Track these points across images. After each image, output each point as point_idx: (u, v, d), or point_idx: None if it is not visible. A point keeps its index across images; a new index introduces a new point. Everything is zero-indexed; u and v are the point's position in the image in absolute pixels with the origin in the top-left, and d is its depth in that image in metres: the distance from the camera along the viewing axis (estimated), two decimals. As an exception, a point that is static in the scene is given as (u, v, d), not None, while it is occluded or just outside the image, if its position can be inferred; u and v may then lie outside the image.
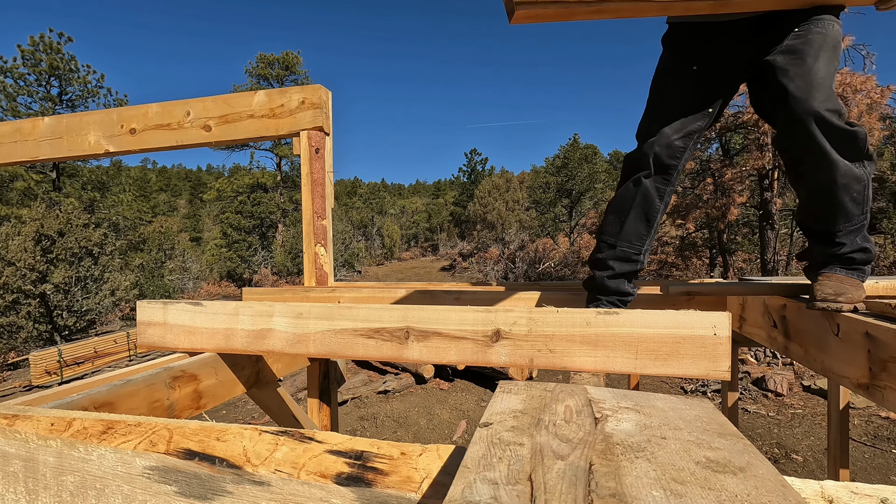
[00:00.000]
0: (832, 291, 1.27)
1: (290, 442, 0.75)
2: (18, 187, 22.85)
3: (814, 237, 1.43)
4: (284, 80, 30.86)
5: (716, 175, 14.74)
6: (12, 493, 0.90)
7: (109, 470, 0.81)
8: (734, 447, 0.55)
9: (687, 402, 0.73)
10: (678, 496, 0.44)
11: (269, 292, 2.26)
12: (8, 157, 2.52)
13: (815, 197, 1.37)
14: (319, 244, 2.20)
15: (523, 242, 25.69)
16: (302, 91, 2.19)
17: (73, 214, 18.24)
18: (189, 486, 0.75)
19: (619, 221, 1.55)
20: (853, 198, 1.31)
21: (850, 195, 1.30)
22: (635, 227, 1.54)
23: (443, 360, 1.23)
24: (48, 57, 23.39)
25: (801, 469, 5.41)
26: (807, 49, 1.30)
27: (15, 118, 19.18)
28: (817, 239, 1.42)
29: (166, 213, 51.89)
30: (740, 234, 18.64)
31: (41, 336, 16.90)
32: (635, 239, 1.55)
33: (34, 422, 0.90)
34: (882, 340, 1.06)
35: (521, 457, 0.53)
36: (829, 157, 1.27)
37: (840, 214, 1.33)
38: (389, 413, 7.87)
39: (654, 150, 1.48)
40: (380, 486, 0.65)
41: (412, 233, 46.89)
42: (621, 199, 1.56)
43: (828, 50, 1.31)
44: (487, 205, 31.37)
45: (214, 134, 2.26)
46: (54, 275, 16.76)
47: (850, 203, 1.31)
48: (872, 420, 6.51)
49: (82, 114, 2.44)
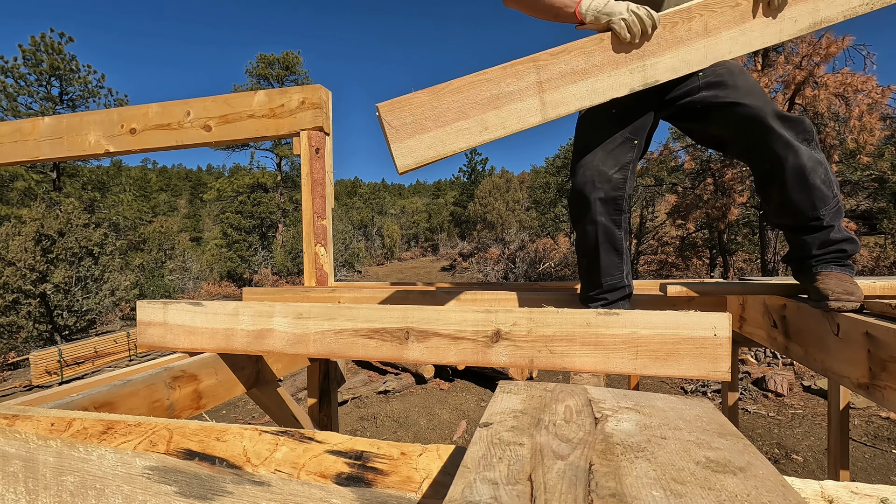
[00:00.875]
0: (842, 290, 1.28)
1: (290, 442, 0.75)
2: (19, 187, 22.85)
3: (801, 230, 1.45)
4: (285, 80, 30.87)
5: (716, 175, 14.74)
6: (12, 493, 0.90)
7: (109, 470, 0.81)
8: (734, 447, 0.55)
9: (687, 402, 0.73)
10: (678, 496, 0.44)
11: (269, 292, 2.26)
12: (8, 157, 2.52)
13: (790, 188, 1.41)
14: (319, 244, 2.21)
15: (523, 242, 25.68)
16: (302, 91, 2.19)
17: (74, 214, 18.24)
18: (189, 486, 0.75)
19: (595, 261, 1.63)
20: (822, 179, 1.38)
21: (819, 177, 1.38)
22: (609, 261, 1.62)
23: (443, 360, 1.23)
24: (49, 57, 23.40)
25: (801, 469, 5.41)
26: (725, 74, 1.47)
27: (15, 118, 19.18)
28: (806, 231, 1.44)
29: (166, 213, 51.87)
30: (740, 234, 18.62)
31: (41, 336, 16.90)
32: (614, 269, 1.63)
33: (34, 422, 0.90)
34: (882, 340, 1.06)
35: (521, 457, 0.53)
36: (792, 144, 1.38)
37: (817, 198, 1.38)
38: (389, 413, 7.87)
39: (597, 187, 1.57)
40: (380, 486, 0.65)
41: (412, 233, 46.90)
42: (584, 242, 1.65)
43: (740, 70, 1.49)
44: (487, 205, 31.37)
45: (215, 134, 2.26)
46: (54, 275, 16.76)
47: (822, 185, 1.38)
48: (873, 420, 6.50)
49: (82, 114, 2.44)
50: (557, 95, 1.29)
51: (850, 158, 13.25)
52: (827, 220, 1.39)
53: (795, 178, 1.39)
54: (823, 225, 1.40)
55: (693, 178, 15.80)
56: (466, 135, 1.23)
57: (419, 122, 1.20)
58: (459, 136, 1.22)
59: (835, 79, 11.35)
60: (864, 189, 17.06)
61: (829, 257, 1.40)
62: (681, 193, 16.19)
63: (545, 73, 1.27)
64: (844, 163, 13.63)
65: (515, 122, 1.27)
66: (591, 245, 1.62)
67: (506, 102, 1.25)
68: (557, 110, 1.29)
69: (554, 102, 1.29)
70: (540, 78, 1.26)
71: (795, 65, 11.65)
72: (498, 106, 1.25)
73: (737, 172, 13.87)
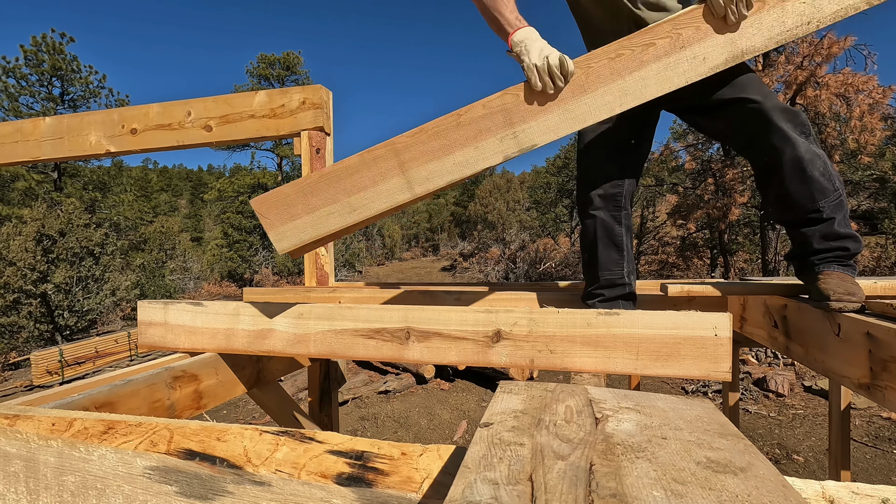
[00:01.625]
0: (844, 290, 1.28)
1: (290, 442, 0.75)
2: (20, 187, 22.88)
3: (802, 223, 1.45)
4: (285, 81, 30.88)
5: (717, 175, 14.73)
6: (13, 493, 0.90)
7: (110, 470, 0.81)
8: (735, 447, 0.55)
9: (687, 403, 0.73)
10: (679, 496, 0.44)
11: (270, 292, 2.26)
12: (9, 158, 2.52)
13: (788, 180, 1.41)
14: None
15: (524, 243, 25.68)
16: (303, 91, 2.19)
17: (75, 214, 18.27)
18: (190, 486, 0.75)
19: (594, 255, 1.68)
20: (821, 171, 1.38)
21: (817, 169, 1.37)
22: (608, 256, 1.66)
23: (443, 360, 1.23)
24: (50, 57, 23.43)
25: (802, 470, 5.40)
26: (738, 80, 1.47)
27: (16, 118, 19.21)
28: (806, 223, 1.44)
29: (167, 213, 51.90)
30: (741, 234, 18.61)
31: (42, 336, 16.93)
32: (613, 265, 1.67)
33: (35, 422, 0.90)
34: (883, 340, 1.06)
35: (521, 457, 0.53)
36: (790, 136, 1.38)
37: (816, 190, 1.38)
38: (390, 413, 7.87)
39: (596, 184, 1.65)
40: (380, 486, 0.65)
41: (413, 233, 46.91)
42: (585, 236, 1.72)
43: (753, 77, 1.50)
44: (488, 205, 31.38)
45: (215, 134, 2.26)
46: (55, 275, 16.78)
47: (821, 177, 1.38)
48: (874, 420, 6.49)
49: (83, 114, 2.44)
50: (424, 172, 1.28)
51: (851, 158, 13.24)
52: (827, 213, 1.39)
53: (793, 170, 1.39)
54: (823, 217, 1.39)
55: (694, 178, 15.78)
56: (336, 217, 1.30)
57: (289, 212, 1.31)
58: (330, 220, 1.30)
59: (836, 79, 11.34)
60: (865, 189, 17.05)
61: (831, 255, 1.40)
62: (682, 193, 16.18)
63: (405, 154, 1.28)
64: (845, 163, 13.61)
65: (384, 202, 1.30)
66: (591, 238, 1.68)
67: (369, 185, 1.29)
68: (425, 186, 1.29)
69: (420, 179, 1.28)
70: (400, 160, 1.28)
71: (797, 65, 11.64)
72: (362, 189, 1.29)
73: (738, 172, 13.85)
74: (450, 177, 1.28)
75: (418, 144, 1.28)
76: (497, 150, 1.28)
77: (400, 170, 1.28)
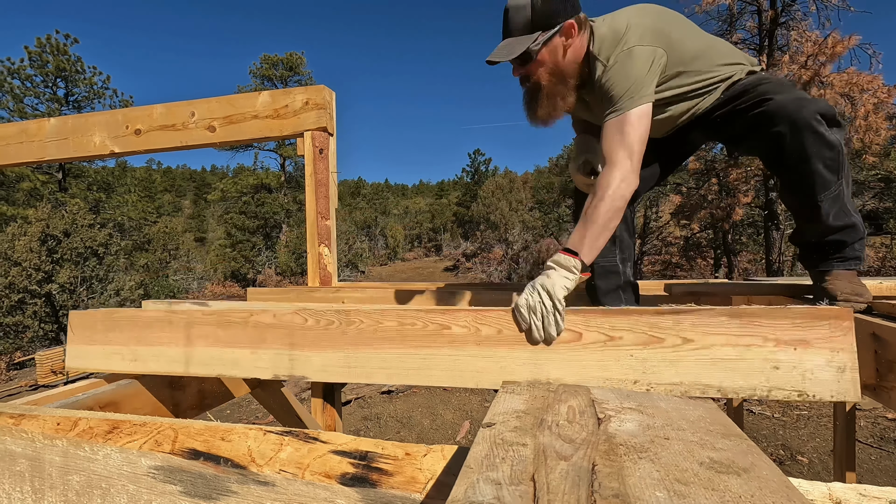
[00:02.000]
0: (851, 291, 1.27)
1: (294, 442, 0.75)
2: (24, 188, 23.00)
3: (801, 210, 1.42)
4: (288, 81, 30.93)
5: (720, 175, 14.67)
6: (18, 492, 0.90)
7: (115, 469, 0.82)
8: (738, 448, 0.55)
9: (690, 403, 0.73)
10: (681, 497, 0.44)
11: (273, 293, 2.26)
12: (14, 158, 2.54)
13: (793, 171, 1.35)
14: (323, 244, 2.21)
15: (527, 243, 25.64)
16: (306, 92, 2.19)
17: (79, 215, 18.34)
18: (194, 485, 0.76)
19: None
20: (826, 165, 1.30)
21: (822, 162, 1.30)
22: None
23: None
24: (54, 58, 23.53)
25: (806, 471, 5.38)
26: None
27: (21, 119, 19.30)
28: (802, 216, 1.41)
29: (171, 214, 52.09)
30: (745, 234, 18.54)
31: (47, 336, 16.99)
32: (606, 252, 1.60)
33: (40, 421, 0.91)
34: (889, 341, 1.05)
35: (524, 457, 0.53)
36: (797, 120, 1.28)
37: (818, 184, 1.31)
38: (393, 413, 7.87)
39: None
40: (384, 486, 0.65)
41: (416, 233, 46.90)
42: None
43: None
44: (491, 205, 31.34)
45: (219, 134, 2.27)
46: (60, 275, 16.86)
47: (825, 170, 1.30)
48: (879, 422, 6.46)
49: (88, 115, 2.46)
50: (205, 356, 1.26)
51: (856, 158, 13.17)
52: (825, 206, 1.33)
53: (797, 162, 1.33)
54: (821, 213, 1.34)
55: (697, 179, 15.73)
56: (118, 359, 1.34)
57: (91, 337, 1.39)
58: (113, 358, 1.35)
59: (841, 78, 11.29)
60: (870, 189, 16.95)
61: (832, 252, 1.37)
62: (685, 194, 16.12)
63: (195, 330, 1.26)
64: (850, 162, 13.53)
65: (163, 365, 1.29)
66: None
67: (155, 344, 1.31)
68: (198, 369, 1.26)
69: (198, 360, 1.26)
70: (189, 334, 1.27)
71: (801, 64, 11.59)
72: (149, 344, 1.31)
73: (741, 173, 13.80)
74: (222, 370, 1.24)
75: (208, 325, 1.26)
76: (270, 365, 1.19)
77: (185, 343, 1.27)
